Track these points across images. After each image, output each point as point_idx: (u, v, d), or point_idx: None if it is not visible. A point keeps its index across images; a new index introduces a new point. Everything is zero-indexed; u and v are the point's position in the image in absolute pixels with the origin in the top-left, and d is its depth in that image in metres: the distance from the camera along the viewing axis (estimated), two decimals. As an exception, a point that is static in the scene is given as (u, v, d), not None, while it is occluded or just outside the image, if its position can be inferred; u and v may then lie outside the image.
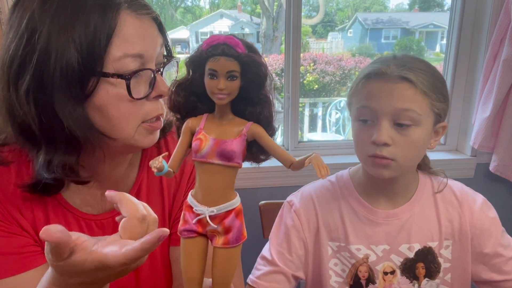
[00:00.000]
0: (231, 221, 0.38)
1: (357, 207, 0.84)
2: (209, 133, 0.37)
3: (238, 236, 0.38)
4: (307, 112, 4.41)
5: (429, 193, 0.85)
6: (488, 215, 0.83)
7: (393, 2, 7.32)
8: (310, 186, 0.92)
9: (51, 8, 0.52)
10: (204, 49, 0.35)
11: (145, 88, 0.58)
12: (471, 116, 1.61)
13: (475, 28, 1.56)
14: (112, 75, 0.53)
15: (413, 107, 0.72)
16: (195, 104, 0.39)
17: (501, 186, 1.64)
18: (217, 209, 0.37)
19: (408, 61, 0.74)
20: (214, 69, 0.35)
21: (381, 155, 0.73)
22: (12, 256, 0.62)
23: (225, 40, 0.35)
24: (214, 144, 0.37)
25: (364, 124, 0.76)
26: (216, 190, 0.37)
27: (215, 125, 0.38)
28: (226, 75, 0.35)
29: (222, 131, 0.38)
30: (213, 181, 0.37)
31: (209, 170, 0.37)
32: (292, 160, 0.38)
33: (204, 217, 0.37)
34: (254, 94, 0.38)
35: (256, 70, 0.36)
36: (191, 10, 5.03)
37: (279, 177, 1.55)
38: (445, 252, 0.83)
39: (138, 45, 0.55)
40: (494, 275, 0.82)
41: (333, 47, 5.83)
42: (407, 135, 0.73)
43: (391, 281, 0.82)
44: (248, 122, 0.38)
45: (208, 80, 0.36)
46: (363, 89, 0.76)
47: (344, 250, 0.84)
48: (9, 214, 0.63)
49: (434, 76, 0.74)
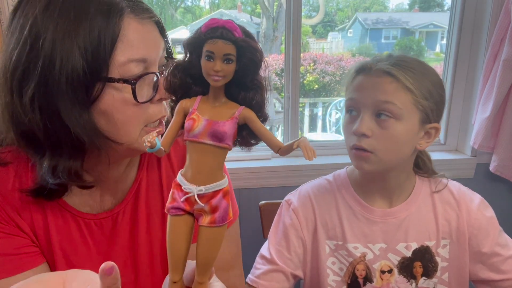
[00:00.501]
0: (218, 200, 0.39)
1: (354, 206, 0.84)
2: (202, 114, 0.38)
3: (224, 216, 0.39)
4: (307, 112, 4.41)
5: (426, 193, 0.85)
6: (486, 214, 0.83)
7: (393, 2, 7.31)
8: (308, 185, 0.92)
9: (54, 14, 0.51)
10: (203, 31, 0.36)
11: (148, 92, 0.58)
12: (471, 116, 1.61)
13: (475, 28, 1.56)
14: (117, 80, 0.54)
15: (393, 100, 0.73)
16: (190, 86, 0.40)
17: (501, 186, 1.65)
18: (205, 188, 0.38)
19: (400, 59, 0.76)
20: (212, 51, 0.36)
21: (360, 146, 0.75)
22: (9, 257, 0.62)
23: (224, 24, 0.35)
24: (206, 125, 0.38)
25: (350, 116, 0.79)
26: (205, 169, 0.38)
27: (208, 106, 0.39)
28: (223, 58, 0.36)
29: (215, 112, 0.39)
30: (203, 161, 0.38)
31: (200, 149, 0.38)
32: (280, 145, 0.39)
33: (192, 196, 0.38)
34: (248, 79, 0.39)
35: (251, 55, 0.37)
36: (191, 10, 5.03)
37: (279, 177, 1.55)
38: (443, 251, 0.83)
39: (141, 49, 0.55)
40: (492, 275, 0.82)
41: (333, 47, 5.82)
42: (387, 127, 0.74)
43: (388, 279, 0.82)
44: (241, 106, 0.39)
45: (205, 62, 0.37)
46: (351, 83, 0.79)
47: (341, 248, 0.84)
48: (6, 214, 0.63)
49: (424, 75, 0.75)
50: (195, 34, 0.37)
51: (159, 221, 0.71)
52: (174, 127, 0.40)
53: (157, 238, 0.72)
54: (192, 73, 0.39)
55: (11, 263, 0.62)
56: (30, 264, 0.64)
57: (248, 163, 1.56)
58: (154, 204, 0.72)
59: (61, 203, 0.66)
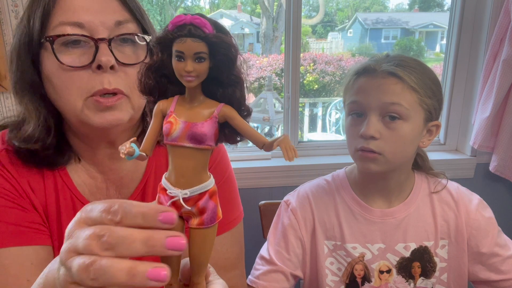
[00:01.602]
0: (205, 202, 0.38)
1: (353, 206, 0.84)
2: (180, 116, 0.37)
3: (212, 217, 0.39)
4: (307, 112, 4.41)
5: (425, 193, 0.85)
6: (484, 215, 0.83)
7: (393, 2, 7.31)
8: (306, 185, 0.92)
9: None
10: (170, 30, 0.34)
11: (87, 59, 0.58)
12: (471, 116, 1.61)
13: (475, 28, 1.56)
14: (46, 40, 0.57)
15: (400, 101, 0.73)
16: (166, 86, 0.38)
17: (501, 186, 1.65)
18: (190, 191, 0.37)
19: (399, 59, 0.76)
20: (181, 50, 0.34)
21: (368, 148, 0.74)
22: (22, 228, 0.63)
23: (192, 20, 0.34)
24: (184, 127, 0.36)
25: (354, 119, 0.78)
26: (188, 172, 0.37)
27: (185, 107, 0.37)
28: (194, 57, 0.34)
29: (193, 113, 0.37)
30: (185, 164, 0.37)
31: (181, 153, 0.37)
32: (265, 141, 0.37)
33: (178, 199, 0.37)
34: (225, 75, 0.37)
35: (224, 51, 0.35)
36: (191, 10, 5.03)
37: (279, 177, 1.55)
38: (441, 252, 0.83)
39: (80, 14, 0.58)
40: (492, 275, 0.82)
41: (333, 47, 5.83)
42: (395, 129, 0.74)
43: (387, 279, 0.82)
44: (220, 104, 0.38)
45: (176, 62, 0.35)
46: (353, 85, 0.78)
47: (340, 248, 0.84)
48: (22, 189, 0.64)
49: (424, 74, 0.76)
50: (163, 34, 0.35)
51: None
52: (153, 130, 0.38)
53: None
54: (166, 73, 0.38)
55: (24, 234, 0.63)
56: (42, 240, 0.64)
57: (248, 163, 1.56)
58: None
59: (73, 191, 0.67)
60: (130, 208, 0.33)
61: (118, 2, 0.61)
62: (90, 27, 0.58)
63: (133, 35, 0.62)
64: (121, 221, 0.33)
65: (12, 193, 0.63)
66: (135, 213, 0.33)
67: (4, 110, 1.36)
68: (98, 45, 0.57)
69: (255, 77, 5.15)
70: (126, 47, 0.61)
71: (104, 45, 0.58)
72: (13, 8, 1.29)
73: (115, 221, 0.33)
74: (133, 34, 0.62)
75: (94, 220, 0.34)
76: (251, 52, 6.03)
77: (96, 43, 0.58)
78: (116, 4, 0.61)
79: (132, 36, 0.62)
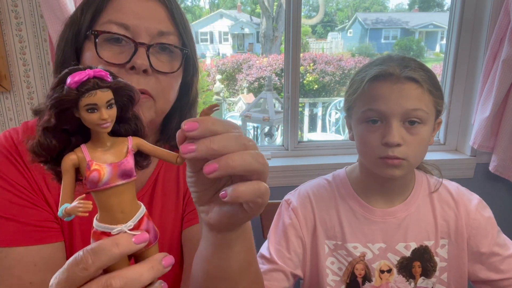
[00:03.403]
0: (146, 225, 0.40)
1: (354, 206, 0.84)
2: (100, 161, 0.38)
3: (155, 234, 0.41)
4: (307, 112, 4.41)
5: (425, 193, 0.85)
6: (484, 214, 0.83)
7: (393, 2, 7.32)
8: (307, 184, 0.92)
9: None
10: (74, 87, 0.36)
11: (124, 58, 0.61)
12: (470, 116, 1.62)
13: (475, 28, 1.56)
14: (91, 33, 0.61)
15: (421, 106, 0.74)
16: (68, 140, 0.39)
17: (500, 186, 1.65)
18: (132, 221, 0.39)
19: (407, 61, 0.76)
20: (94, 103, 0.36)
21: (394, 156, 0.74)
22: (31, 227, 0.63)
23: (95, 74, 0.36)
24: (112, 169, 0.38)
25: (372, 126, 0.77)
26: (127, 206, 0.39)
27: (100, 152, 0.39)
28: (106, 105, 0.37)
29: (111, 154, 0.39)
30: (123, 200, 0.39)
31: (116, 192, 0.39)
32: (176, 154, 0.41)
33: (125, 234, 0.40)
34: (129, 112, 0.41)
35: (126, 92, 0.39)
36: (191, 10, 5.03)
37: (279, 177, 1.55)
38: (441, 251, 0.83)
39: (128, 17, 0.61)
40: (492, 274, 0.82)
41: (333, 47, 5.83)
42: (416, 133, 0.75)
43: (387, 279, 0.82)
44: (127, 138, 0.41)
45: (88, 115, 0.36)
46: (369, 92, 0.76)
47: (340, 248, 0.84)
48: (37, 186, 0.65)
49: (431, 74, 0.77)
50: (63, 94, 0.36)
51: (172, 217, 0.73)
52: (69, 188, 0.38)
53: (167, 232, 0.73)
54: (66, 128, 0.39)
55: (32, 233, 0.63)
56: (49, 238, 0.64)
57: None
58: (169, 199, 0.73)
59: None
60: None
61: (166, 13, 0.65)
62: (135, 30, 0.61)
63: (171, 46, 0.65)
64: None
65: (26, 189, 0.63)
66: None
67: (4, 110, 1.37)
68: (137, 48, 0.61)
69: (255, 77, 5.15)
70: (163, 55, 0.65)
71: (143, 49, 0.61)
72: (13, 8, 1.29)
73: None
74: (172, 45, 0.65)
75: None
76: (251, 52, 6.03)
77: (136, 46, 0.61)
78: (164, 15, 0.65)
79: (171, 46, 0.65)
